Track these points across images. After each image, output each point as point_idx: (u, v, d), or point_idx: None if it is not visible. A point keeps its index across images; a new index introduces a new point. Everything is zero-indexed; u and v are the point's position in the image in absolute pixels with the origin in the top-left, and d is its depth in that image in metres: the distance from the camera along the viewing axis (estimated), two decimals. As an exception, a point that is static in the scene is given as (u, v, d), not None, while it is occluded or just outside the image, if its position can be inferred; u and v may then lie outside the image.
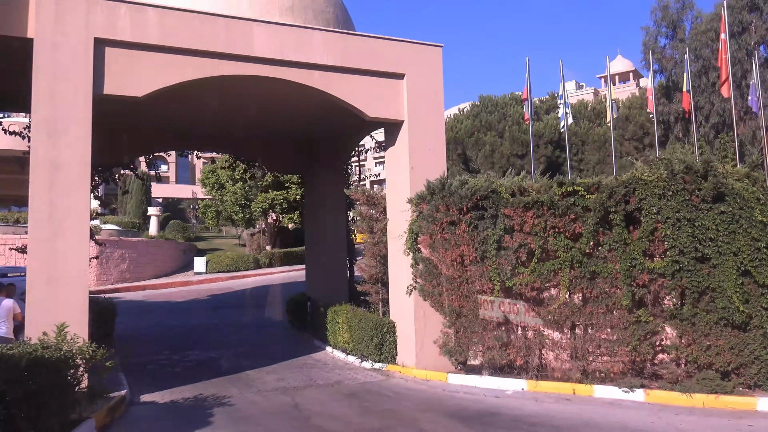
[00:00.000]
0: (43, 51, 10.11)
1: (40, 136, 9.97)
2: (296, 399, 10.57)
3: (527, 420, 9.15)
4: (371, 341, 12.93)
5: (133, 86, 10.76)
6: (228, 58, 11.42)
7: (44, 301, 9.72)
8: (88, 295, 10.10)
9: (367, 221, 13.77)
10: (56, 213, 9.96)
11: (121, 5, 10.68)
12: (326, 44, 12.18)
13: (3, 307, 10.07)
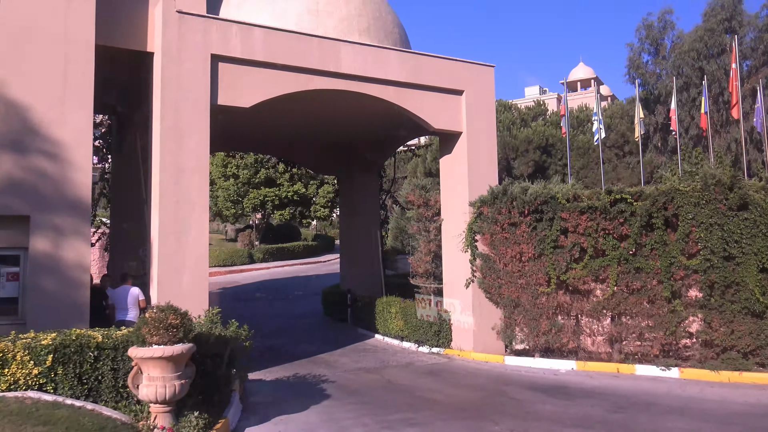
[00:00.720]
0: (169, 65, 11.27)
1: (167, 143, 11.15)
2: (385, 376, 12.05)
3: (595, 392, 10.86)
4: (430, 329, 14.48)
5: (241, 98, 12.02)
6: (320, 74, 12.76)
7: (171, 288, 10.92)
8: (207, 283, 11.34)
9: (423, 221, 15.29)
10: (181, 211, 11.17)
11: (233, 25, 11.93)
12: (400, 62, 13.65)
13: (131, 294, 11.19)
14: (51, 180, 10.17)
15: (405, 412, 9.48)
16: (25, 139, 10.04)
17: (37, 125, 10.11)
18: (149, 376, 7.45)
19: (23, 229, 10.09)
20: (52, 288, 10.03)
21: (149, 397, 7.44)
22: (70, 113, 10.33)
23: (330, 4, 13.68)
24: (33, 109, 10.11)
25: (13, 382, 7.55)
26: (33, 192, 10.03)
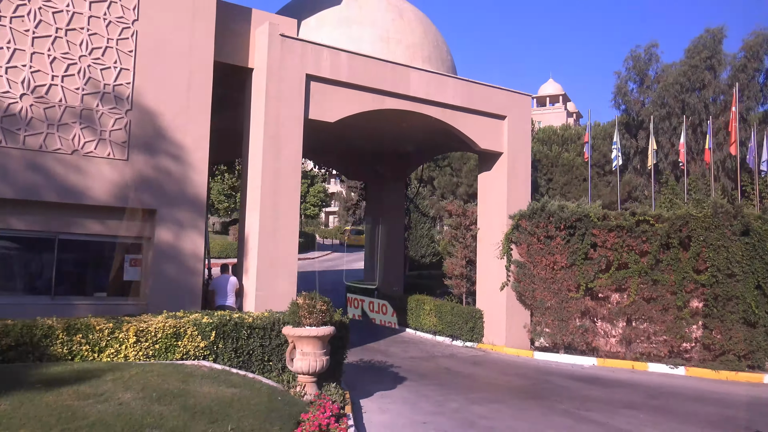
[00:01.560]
0: (272, 82, 12.75)
1: (268, 150, 12.63)
2: (440, 364, 13.79)
3: (625, 383, 12.85)
4: (465, 325, 16.30)
5: (328, 113, 13.57)
6: (391, 95, 14.40)
7: (267, 279, 12.43)
8: (296, 275, 12.85)
9: (461, 230, 17.09)
10: (277, 211, 12.66)
11: (324, 49, 13.47)
12: (456, 88, 15.41)
13: (230, 282, 12.62)
14: (174, 179, 11.55)
15: (479, 392, 11.26)
16: (155, 142, 11.40)
17: (165, 130, 11.49)
18: (302, 352, 9.02)
19: (150, 221, 11.46)
20: (172, 274, 11.42)
21: (302, 369, 9.00)
22: (192, 121, 11.73)
23: (399, 32, 15.33)
24: (162, 116, 11.48)
25: (185, 353, 9.00)
26: (160, 189, 11.41)
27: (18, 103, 10.29)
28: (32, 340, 8.14)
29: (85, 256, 11.39)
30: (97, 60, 10.96)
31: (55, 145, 10.53)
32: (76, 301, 10.91)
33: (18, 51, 10.34)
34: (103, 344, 8.50)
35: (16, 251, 10.82)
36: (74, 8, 10.82)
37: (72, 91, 10.72)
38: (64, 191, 10.58)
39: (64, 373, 7.71)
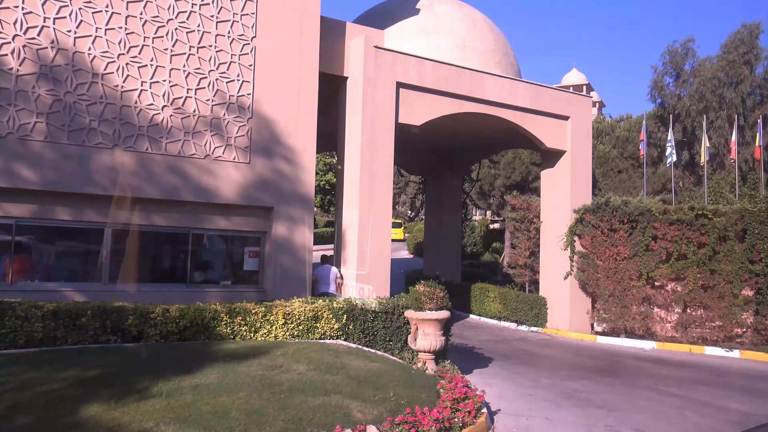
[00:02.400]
0: (368, 89, 14.03)
1: (365, 152, 13.94)
2: (515, 347, 15.09)
3: (688, 363, 14.09)
4: (530, 311, 17.59)
5: (414, 117, 14.84)
6: (469, 100, 15.64)
7: (366, 273, 13.76)
8: (389, 265, 14.18)
9: (525, 222, 18.35)
10: (373, 207, 13.98)
11: (411, 58, 14.72)
12: (525, 91, 16.61)
13: (332, 272, 13.96)
14: (288, 179, 12.90)
15: (562, 370, 12.56)
16: (271, 146, 12.73)
17: (279, 136, 12.82)
18: (424, 333, 10.34)
19: (268, 217, 12.83)
20: (287, 264, 12.80)
21: (424, 348, 10.33)
22: (301, 126, 13.04)
23: (474, 40, 16.54)
24: (277, 123, 12.80)
25: (322, 333, 10.39)
26: (276, 188, 12.76)
27: (160, 114, 11.66)
28: (203, 321, 9.54)
29: (213, 248, 12.81)
30: (223, 74, 12.29)
31: (190, 151, 11.90)
32: (207, 288, 12.32)
33: (159, 68, 11.70)
34: (258, 325, 9.90)
35: (158, 245, 12.24)
36: (204, 28, 12.15)
37: (203, 102, 12.07)
38: (198, 191, 11.96)
39: (240, 349, 9.11)
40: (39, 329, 8.49)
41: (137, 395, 6.91)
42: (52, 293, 10.49)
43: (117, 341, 9.00)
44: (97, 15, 11.16)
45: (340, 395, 7.67)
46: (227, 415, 6.61)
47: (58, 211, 10.95)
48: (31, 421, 6.09)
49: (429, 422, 7.16)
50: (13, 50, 10.49)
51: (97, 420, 6.22)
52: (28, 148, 10.55)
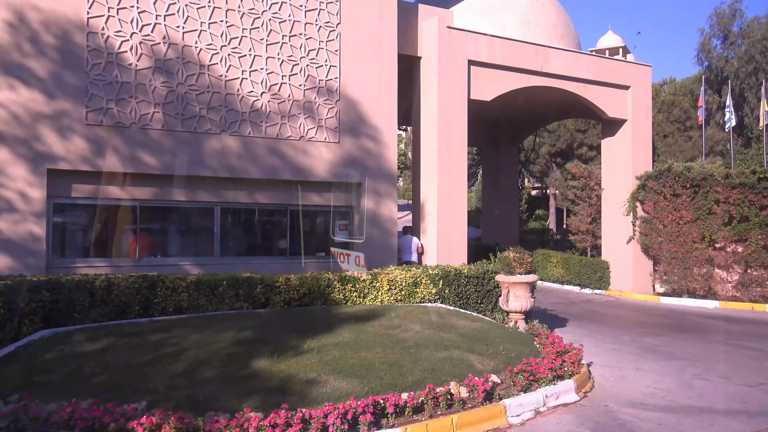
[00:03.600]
0: (442, 69, 14.79)
1: (442, 128, 14.76)
2: (584, 308, 15.95)
3: (754, 320, 14.79)
4: (594, 274, 18.39)
5: (484, 93, 15.57)
6: (535, 74, 16.29)
7: (445, 238, 14.70)
8: (466, 235, 15.08)
9: (586, 190, 19.05)
10: (450, 180, 14.84)
11: (481, 36, 15.40)
12: (587, 64, 17.17)
13: (413, 242, 14.93)
14: (373, 156, 13.80)
15: (637, 328, 13.40)
16: (357, 126, 13.63)
17: (364, 116, 13.69)
18: (515, 295, 11.28)
19: (357, 192, 13.79)
20: (374, 235, 13.78)
21: (516, 309, 11.27)
22: (383, 106, 13.89)
23: (537, 15, 17.11)
24: (361, 104, 13.67)
25: (422, 298, 11.38)
26: (363, 165, 13.69)
27: (259, 100, 12.62)
28: (319, 288, 10.60)
29: (308, 223, 13.86)
30: (313, 60, 13.17)
31: (287, 133, 12.87)
32: (305, 260, 13.38)
33: (257, 57, 12.62)
34: (366, 291, 10.93)
35: (261, 221, 13.32)
36: (294, 17, 13.00)
37: (296, 88, 12.99)
38: (294, 170, 12.96)
39: (357, 312, 10.15)
40: (185, 298, 9.64)
41: (292, 352, 7.98)
42: (172, 267, 11.67)
43: (248, 308, 10.12)
44: (201, 10, 12.10)
45: (459, 350, 8.66)
46: (372, 367, 7.65)
47: (175, 192, 12.06)
48: (217, 373, 7.20)
49: (544, 370, 8.12)
50: (132, 47, 11.50)
51: (269, 371, 7.31)
52: (149, 136, 11.62)
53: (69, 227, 11.58)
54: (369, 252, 13.57)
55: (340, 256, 11.54)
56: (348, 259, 11.21)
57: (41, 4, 10.82)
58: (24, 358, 7.51)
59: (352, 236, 13.90)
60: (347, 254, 11.33)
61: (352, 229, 13.95)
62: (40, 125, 10.79)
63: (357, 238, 13.75)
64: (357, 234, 13.78)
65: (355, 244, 13.76)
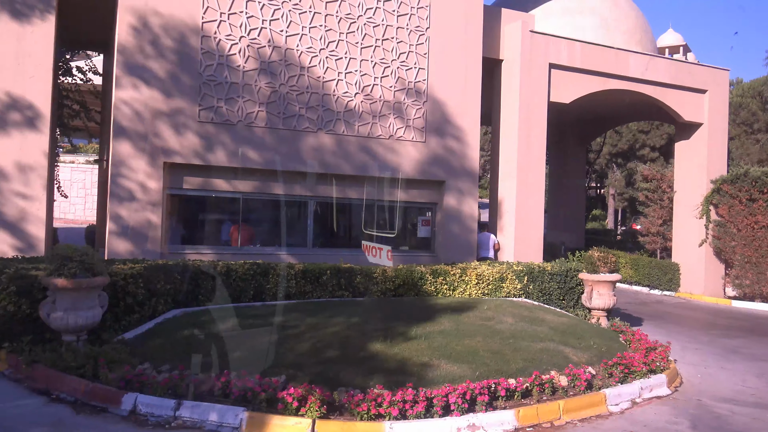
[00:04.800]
0: (524, 72, 15.23)
1: (523, 130, 15.21)
2: (656, 309, 16.19)
3: (832, 327, 14.81)
4: (663, 276, 18.56)
5: (564, 96, 15.94)
6: (613, 77, 16.56)
7: (522, 235, 15.17)
8: (542, 232, 15.51)
9: (658, 192, 19.21)
10: (528, 180, 15.28)
11: (562, 41, 15.76)
12: (665, 67, 17.33)
13: (490, 239, 15.44)
14: (456, 155, 14.36)
15: (713, 329, 13.62)
16: (442, 126, 14.20)
17: (449, 116, 14.26)
18: (599, 293, 11.70)
19: (439, 190, 14.38)
20: (456, 231, 14.35)
21: (599, 306, 11.69)
22: (467, 107, 14.42)
23: (616, 19, 17.35)
24: (447, 105, 14.24)
25: (507, 292, 11.91)
26: (447, 164, 14.26)
27: (353, 100, 13.32)
28: (412, 280, 11.25)
29: (393, 218, 14.53)
30: (403, 62, 13.80)
31: (377, 132, 13.54)
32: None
33: (351, 59, 13.32)
34: (455, 284, 11.53)
35: (350, 215, 14.06)
36: (387, 22, 13.65)
37: (387, 89, 13.64)
38: (384, 168, 13.63)
39: (450, 303, 10.76)
40: (293, 285, 10.42)
41: (402, 337, 8.64)
42: (269, 256, 12.48)
43: (348, 296, 10.85)
44: (302, 15, 12.86)
45: (553, 342, 9.18)
46: (477, 354, 8.25)
47: (274, 186, 12.88)
48: (338, 354, 7.91)
49: (639, 364, 8.58)
50: (240, 50, 12.34)
51: (384, 354, 7.98)
52: (253, 133, 12.46)
53: (180, 216, 12.52)
54: (450, 247, 14.20)
55: (372, 250, 11.66)
56: (380, 253, 11.42)
57: (162, 9, 11.74)
58: (163, 334, 8.38)
59: (433, 232, 14.51)
60: (379, 248, 11.55)
61: (434, 224, 14.55)
62: (158, 122, 11.73)
63: (438, 233, 14.36)
64: (439, 230, 14.38)
65: (436, 239, 14.39)
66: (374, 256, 11.45)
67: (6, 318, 7.89)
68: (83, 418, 6.40)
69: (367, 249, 11.71)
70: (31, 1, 11.02)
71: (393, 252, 14.14)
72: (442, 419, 6.59)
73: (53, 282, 7.47)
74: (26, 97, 11.01)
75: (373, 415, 6.42)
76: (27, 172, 10.98)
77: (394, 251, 14.15)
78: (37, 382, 7.26)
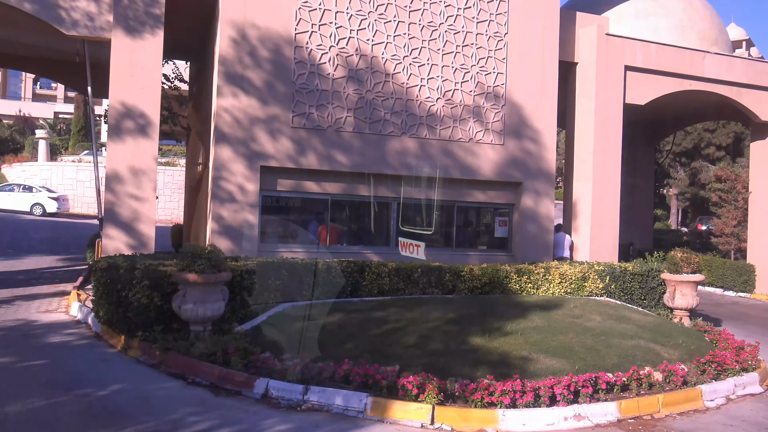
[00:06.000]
0: (600, 74, 15.43)
1: (598, 132, 15.42)
2: (734, 310, 16.16)
3: None
4: (738, 278, 18.44)
5: (639, 97, 16.07)
6: (689, 78, 16.58)
7: (598, 236, 15.39)
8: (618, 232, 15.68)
9: (732, 193, 19.09)
10: (604, 182, 15.49)
11: (637, 43, 15.90)
12: (742, 67, 17.24)
13: (566, 239, 15.71)
14: (533, 157, 14.70)
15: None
16: (520, 129, 14.56)
17: (526, 119, 14.60)
18: (682, 293, 11.89)
19: (516, 191, 14.75)
20: (533, 232, 14.69)
21: (681, 306, 11.89)
22: (544, 110, 14.73)
23: (690, 20, 17.36)
24: (524, 108, 14.58)
25: (589, 292, 12.22)
26: (524, 166, 14.61)
27: (435, 105, 13.83)
28: (498, 279, 11.69)
29: (472, 218, 15.01)
30: (482, 68, 14.23)
31: (457, 136, 14.01)
32: (468, 252, 14.53)
33: (433, 65, 13.83)
34: (539, 283, 11.92)
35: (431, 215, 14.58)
36: (467, 29, 14.10)
37: (467, 94, 14.09)
38: (463, 169, 14.08)
39: (537, 302, 11.16)
40: (386, 282, 11.00)
41: (498, 332, 9.11)
42: (355, 254, 13.08)
43: (438, 293, 11.37)
44: (387, 24, 13.44)
45: (642, 339, 9.49)
46: (572, 349, 8.64)
47: (360, 188, 13.50)
48: (442, 347, 8.44)
49: (731, 362, 8.82)
50: (330, 59, 13.00)
51: (485, 348, 8.47)
52: (342, 137, 13.10)
53: (273, 216, 13.27)
54: (527, 247, 14.55)
55: (409, 247, 11.41)
56: (417, 250, 11.43)
57: (259, 22, 12.49)
58: (277, 325, 9.07)
59: (510, 232, 14.89)
60: (416, 245, 11.58)
61: (510, 225, 14.93)
62: (255, 128, 12.49)
63: (515, 233, 14.73)
64: (516, 230, 14.75)
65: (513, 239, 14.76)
66: (411, 253, 11.67)
67: (140, 309, 8.70)
68: (222, 399, 7.10)
69: (403, 246, 11.84)
70: (143, 18, 11.91)
71: (472, 251, 14.68)
72: (550, 409, 7.03)
73: (185, 277, 8.22)
74: (138, 107, 11.91)
75: (486, 403, 6.91)
76: (139, 176, 11.88)
77: (472, 250, 14.68)
78: (172, 367, 8.02)
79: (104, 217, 11.94)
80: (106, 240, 11.73)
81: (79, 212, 34.03)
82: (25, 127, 53.77)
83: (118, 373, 7.88)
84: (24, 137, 49.54)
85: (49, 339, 9.44)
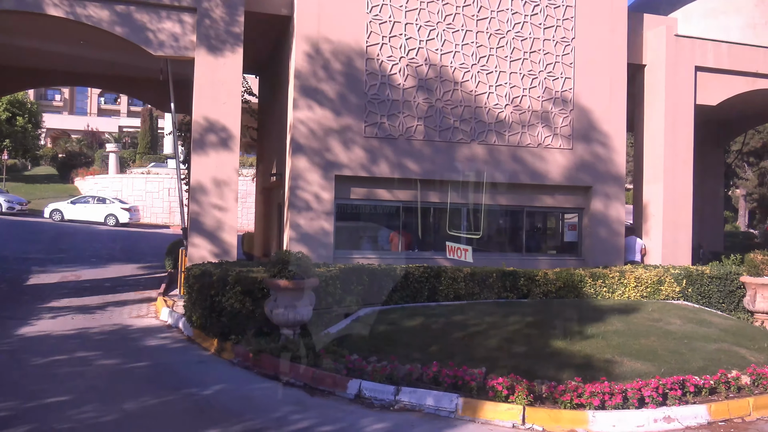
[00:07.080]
0: (669, 76, 15.28)
1: (669, 133, 15.26)
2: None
3: None
4: (818, 280, 17.81)
5: (710, 98, 15.83)
6: (762, 77, 16.22)
7: (670, 238, 15.20)
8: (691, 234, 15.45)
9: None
10: (675, 184, 15.29)
11: (708, 43, 15.68)
12: (818, 64, 16.76)
13: (637, 243, 15.56)
14: (602, 161, 14.66)
15: None
16: (588, 133, 14.55)
17: (595, 123, 14.58)
18: (763, 296, 11.67)
19: (585, 195, 14.73)
20: (603, 235, 14.64)
21: (763, 309, 11.66)
22: (613, 113, 14.67)
23: (763, 17, 17.00)
24: (593, 112, 14.57)
25: (665, 295, 12.13)
26: (593, 170, 14.58)
27: (503, 111, 13.99)
28: (572, 283, 11.73)
29: (541, 223, 15.08)
30: (550, 73, 14.30)
31: (526, 141, 14.12)
32: (537, 256, 14.59)
33: (501, 73, 13.99)
34: (614, 287, 11.90)
35: (500, 221, 14.75)
36: (534, 35, 14.21)
37: (535, 99, 14.20)
38: (532, 174, 14.17)
39: (614, 305, 11.16)
40: (462, 287, 11.21)
41: (579, 336, 9.20)
42: (427, 260, 13.32)
43: (513, 297, 11.50)
44: (455, 34, 13.69)
45: (726, 343, 9.39)
46: (656, 353, 8.65)
47: (430, 194, 13.76)
48: (525, 350, 8.60)
49: (823, 367, 8.66)
50: (400, 69, 13.33)
51: (568, 351, 8.57)
52: (412, 146, 13.40)
53: (347, 223, 13.67)
54: (597, 251, 14.52)
55: (457, 251, 11.75)
56: (465, 254, 11.47)
57: (332, 36, 12.93)
58: (362, 329, 9.39)
59: (580, 236, 14.87)
60: (465, 249, 11.56)
61: (580, 229, 14.91)
62: (329, 138, 12.91)
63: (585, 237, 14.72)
64: (586, 234, 14.73)
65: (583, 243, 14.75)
66: (459, 257, 11.74)
67: (233, 314, 9.18)
68: (318, 399, 7.45)
69: (451, 250, 11.92)
70: (224, 36, 12.51)
71: (541, 256, 14.73)
72: (639, 411, 7.10)
73: (277, 283, 8.65)
74: (220, 121, 12.50)
75: (575, 405, 7.04)
76: (222, 187, 12.46)
77: (542, 255, 14.73)
78: (265, 369, 8.42)
79: (189, 227, 12.56)
80: (192, 248, 12.33)
81: (148, 222, 35.43)
82: (93, 141, 56.33)
83: (216, 374, 8.34)
84: (93, 151, 51.84)
85: (147, 342, 10.03)
